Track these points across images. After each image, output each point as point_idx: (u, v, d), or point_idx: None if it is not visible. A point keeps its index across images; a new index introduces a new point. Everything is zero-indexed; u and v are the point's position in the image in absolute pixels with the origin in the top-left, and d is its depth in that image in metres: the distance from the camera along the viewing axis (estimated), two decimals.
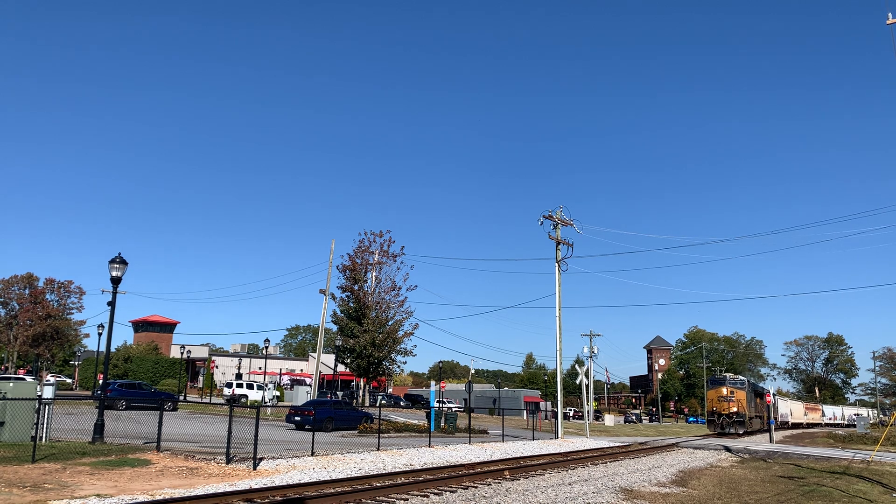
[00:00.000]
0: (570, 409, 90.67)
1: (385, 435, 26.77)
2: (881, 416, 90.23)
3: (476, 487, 13.43)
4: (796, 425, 74.99)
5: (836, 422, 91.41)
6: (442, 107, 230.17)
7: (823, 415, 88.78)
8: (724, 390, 50.44)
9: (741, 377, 54.61)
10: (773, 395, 65.62)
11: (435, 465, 18.15)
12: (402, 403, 65.12)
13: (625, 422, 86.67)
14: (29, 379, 20.15)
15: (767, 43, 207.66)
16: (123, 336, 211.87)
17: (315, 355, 59.89)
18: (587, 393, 49.55)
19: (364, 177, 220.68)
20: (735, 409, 49.88)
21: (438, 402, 56.59)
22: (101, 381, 38.39)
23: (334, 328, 53.85)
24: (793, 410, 76.66)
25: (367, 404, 54.14)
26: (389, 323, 52.44)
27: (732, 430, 49.54)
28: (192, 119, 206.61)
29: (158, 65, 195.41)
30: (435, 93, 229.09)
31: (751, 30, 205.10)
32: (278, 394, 54.59)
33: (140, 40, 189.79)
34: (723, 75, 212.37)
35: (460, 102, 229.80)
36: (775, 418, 56.99)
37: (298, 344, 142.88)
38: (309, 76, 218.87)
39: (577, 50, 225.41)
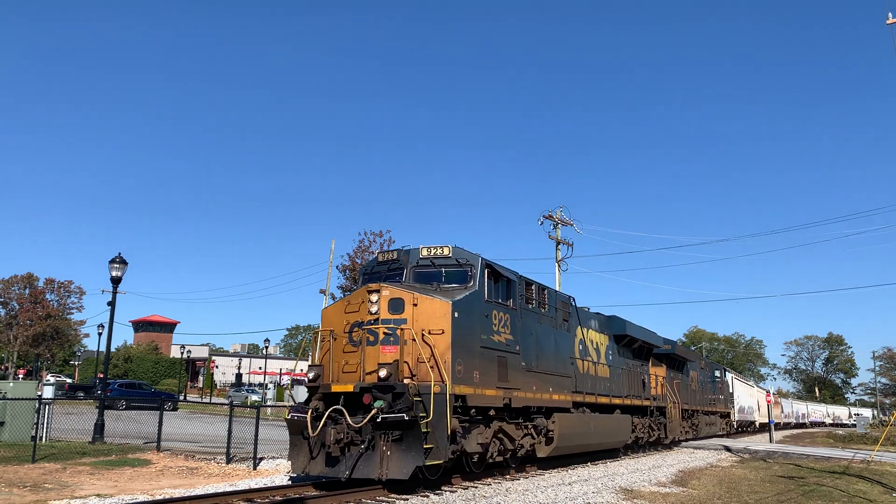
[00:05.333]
0: None
1: None
2: (881, 416, 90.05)
3: (476, 487, 13.43)
4: (744, 424, 46.70)
5: (787, 420, 71.68)
6: (441, 104, 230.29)
7: (782, 411, 68.37)
8: (377, 304, 12.10)
9: (465, 253, 13.92)
10: (773, 394, 58.28)
11: None
12: None
13: None
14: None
15: (767, 42, 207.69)
16: (123, 336, 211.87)
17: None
18: None
19: (363, 176, 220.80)
20: (384, 371, 11.30)
21: None
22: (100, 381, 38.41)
23: None
24: (760, 404, 51.27)
25: None
26: None
27: (369, 470, 11.08)
28: (192, 116, 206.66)
29: (158, 60, 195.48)
30: (433, 89, 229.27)
31: (750, 29, 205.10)
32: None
33: (140, 34, 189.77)
34: (722, 74, 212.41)
35: (459, 100, 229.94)
36: (774, 417, 42.47)
37: (298, 344, 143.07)
38: (308, 70, 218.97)
39: (578, 48, 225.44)
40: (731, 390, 42.88)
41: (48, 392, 21.19)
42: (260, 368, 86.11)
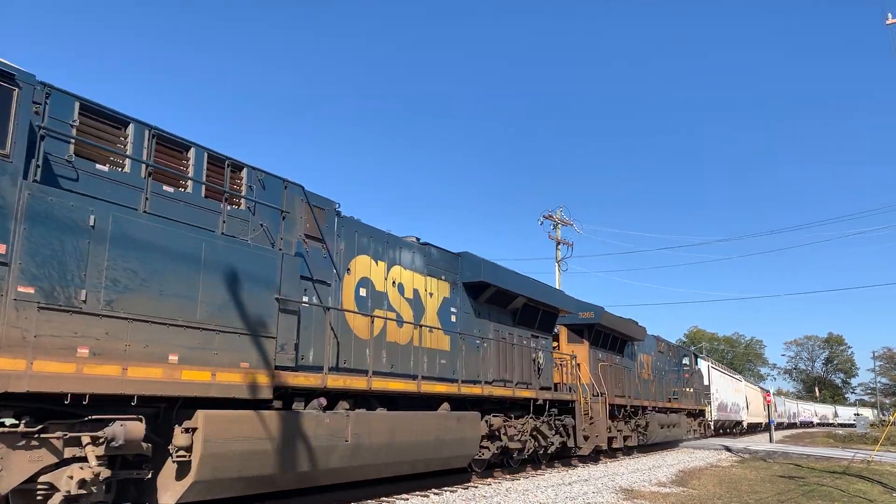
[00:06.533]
0: None
1: None
2: (880, 415, 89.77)
3: (476, 487, 13.43)
4: (726, 425, 40.96)
5: (780, 420, 65.57)
6: (440, 103, 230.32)
7: (776, 409, 61.47)
8: None
9: None
10: (773, 394, 56.80)
11: None
12: None
13: None
14: None
15: (766, 41, 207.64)
16: None
17: None
18: None
19: (362, 175, 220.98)
20: None
21: None
22: None
23: None
24: (749, 401, 44.67)
25: None
26: None
27: None
28: (191, 112, 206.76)
29: (157, 53, 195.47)
30: (433, 89, 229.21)
31: (750, 27, 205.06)
32: None
33: (141, 25, 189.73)
34: (721, 73, 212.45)
35: (458, 97, 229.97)
36: (774, 416, 38.74)
37: None
38: (309, 72, 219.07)
39: (579, 47, 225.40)
40: (706, 382, 34.76)
41: None
42: None
